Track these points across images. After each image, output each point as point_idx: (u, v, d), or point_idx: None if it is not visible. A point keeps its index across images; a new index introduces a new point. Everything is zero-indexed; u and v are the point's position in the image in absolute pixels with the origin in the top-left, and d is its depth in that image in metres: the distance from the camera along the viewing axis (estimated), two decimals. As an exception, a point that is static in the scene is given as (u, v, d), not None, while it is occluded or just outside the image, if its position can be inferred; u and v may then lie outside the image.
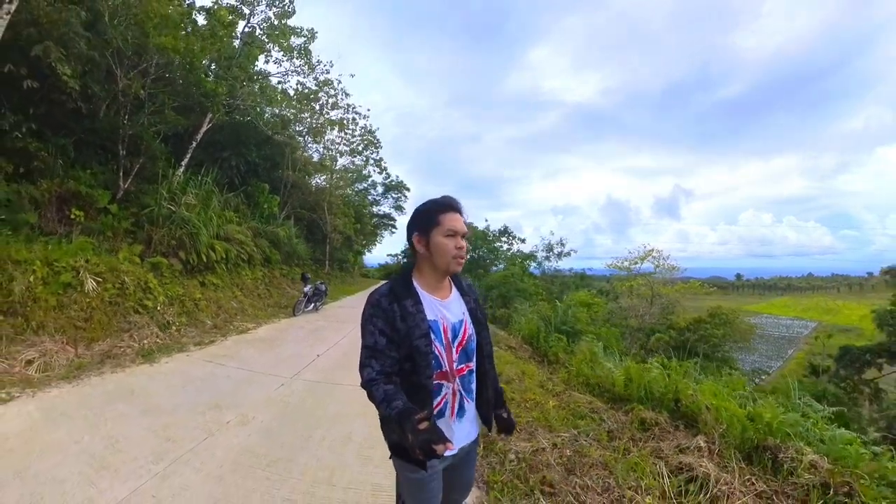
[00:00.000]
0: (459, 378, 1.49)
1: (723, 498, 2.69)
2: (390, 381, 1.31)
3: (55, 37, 6.94)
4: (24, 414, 3.63)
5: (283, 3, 12.01)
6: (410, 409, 1.15)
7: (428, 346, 1.39)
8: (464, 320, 1.53)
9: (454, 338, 1.48)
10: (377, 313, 1.39)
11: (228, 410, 4.18)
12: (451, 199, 1.51)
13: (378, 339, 1.36)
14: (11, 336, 4.64)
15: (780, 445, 3.17)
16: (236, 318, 8.27)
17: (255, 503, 2.72)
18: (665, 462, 3.11)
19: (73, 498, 2.60)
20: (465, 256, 1.46)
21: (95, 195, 7.92)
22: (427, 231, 1.45)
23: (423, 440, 1.03)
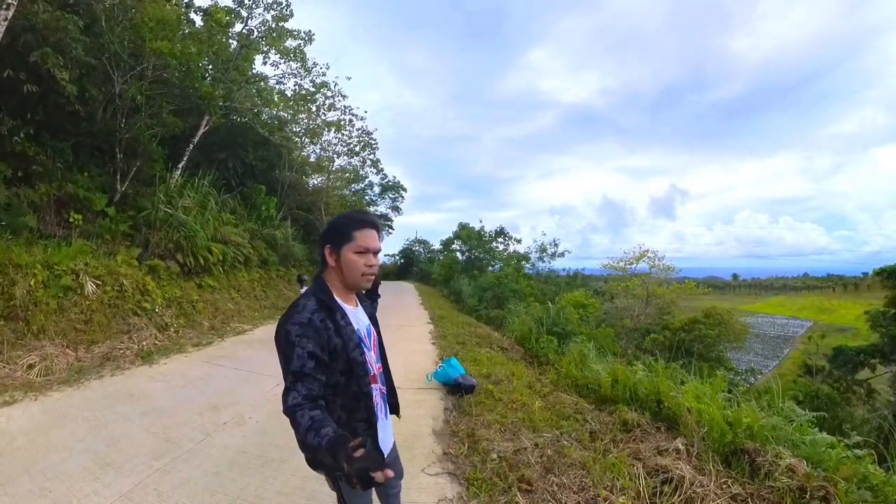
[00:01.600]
0: (380, 375, 1.59)
1: (697, 500, 2.74)
2: (316, 406, 1.22)
3: (52, 42, 7.02)
4: (28, 416, 3.78)
5: (280, 6, 12.10)
6: (342, 437, 1.08)
7: (362, 354, 1.44)
8: (370, 325, 1.61)
9: (370, 342, 1.56)
10: (308, 333, 1.31)
11: (225, 410, 4.33)
12: (368, 215, 1.54)
13: (306, 362, 1.27)
14: (12, 341, 4.76)
15: (758, 449, 3.20)
16: (233, 319, 8.41)
17: (250, 495, 2.87)
18: (643, 463, 3.16)
19: (80, 490, 2.75)
20: (374, 273, 1.48)
21: (93, 198, 8.03)
22: (339, 245, 1.44)
23: (359, 468, 0.96)
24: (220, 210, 10.82)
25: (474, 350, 7.32)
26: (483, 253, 26.64)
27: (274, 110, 15.13)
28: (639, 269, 24.42)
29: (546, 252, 23.92)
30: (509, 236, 27.51)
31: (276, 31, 12.45)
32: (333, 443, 1.06)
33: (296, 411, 1.19)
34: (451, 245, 28.74)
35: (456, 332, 8.89)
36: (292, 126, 16.39)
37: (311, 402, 1.23)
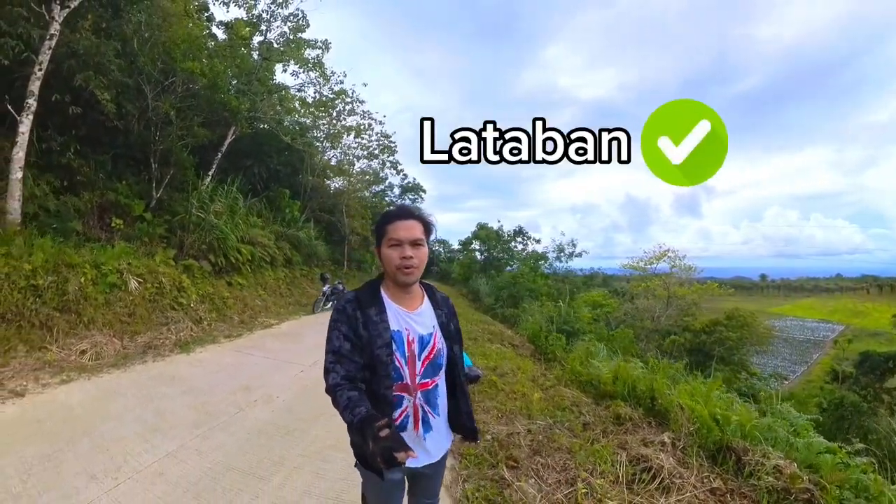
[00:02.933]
0: (422, 392, 1.46)
1: (674, 489, 2.84)
2: (355, 388, 1.28)
3: (93, 66, 7.64)
4: (84, 392, 4.27)
5: (297, 18, 12.64)
6: (372, 416, 1.12)
7: (389, 356, 1.38)
8: (433, 333, 1.49)
9: (421, 350, 1.45)
10: (341, 318, 1.39)
11: (255, 391, 4.75)
12: (402, 207, 1.49)
13: (343, 343, 1.35)
14: (67, 330, 5.32)
15: (747, 448, 3.24)
16: (261, 314, 8.93)
17: (275, 456, 3.26)
18: (627, 452, 3.29)
19: (133, 449, 3.18)
20: (412, 266, 1.41)
21: (132, 204, 8.67)
22: (378, 243, 1.46)
23: (383, 447, 0.99)
24: (248, 213, 11.46)
25: (485, 345, 7.59)
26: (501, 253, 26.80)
27: (295, 117, 15.75)
28: (659, 269, 24.03)
29: (563, 252, 23.90)
30: (528, 236, 27.60)
31: (294, 41, 12.99)
32: (364, 420, 1.12)
33: (336, 391, 1.27)
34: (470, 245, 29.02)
35: (469, 329, 9.18)
36: (314, 132, 17.00)
37: (350, 383, 1.30)
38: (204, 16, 12.70)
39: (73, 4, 6.93)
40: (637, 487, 2.91)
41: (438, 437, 1.53)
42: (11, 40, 6.19)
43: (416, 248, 1.41)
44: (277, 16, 12.67)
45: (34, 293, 5.28)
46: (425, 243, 1.45)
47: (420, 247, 1.42)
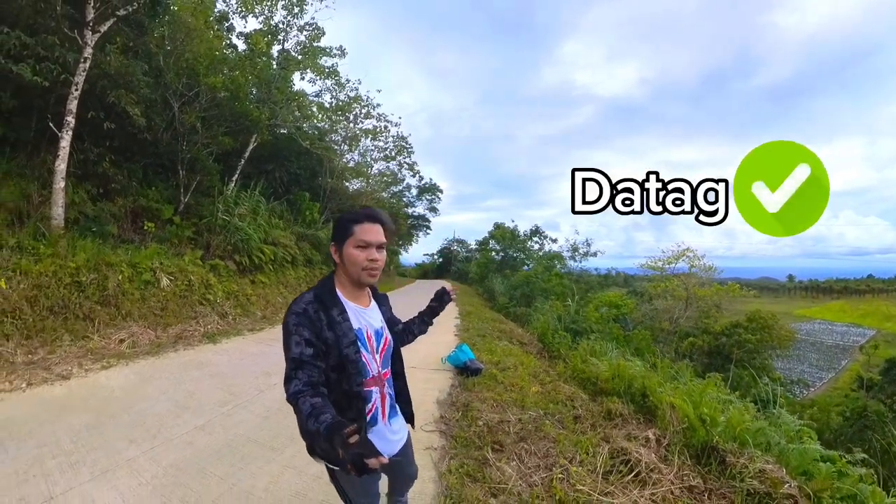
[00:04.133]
0: (386, 381, 1.56)
1: (650, 483, 2.89)
2: (317, 394, 1.24)
3: (123, 84, 8.24)
4: (122, 376, 4.75)
5: (312, 27, 13.16)
6: (339, 423, 1.08)
7: (357, 353, 1.41)
8: (383, 327, 1.58)
9: (378, 344, 1.53)
10: (303, 322, 1.35)
11: (276, 376, 5.14)
12: (370, 210, 1.51)
13: (304, 349, 1.31)
14: (107, 321, 5.87)
15: (735, 450, 3.22)
16: (282, 311, 9.38)
17: (289, 432, 3.64)
18: (609, 445, 3.37)
19: (166, 423, 3.60)
20: (377, 268, 1.44)
21: (162, 209, 9.28)
22: (341, 241, 1.44)
23: (354, 454, 0.96)
24: (270, 216, 12.02)
25: (492, 342, 7.80)
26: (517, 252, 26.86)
27: (313, 122, 16.32)
28: (678, 269, 23.54)
29: (578, 251, 23.80)
30: (544, 235, 27.59)
31: (311, 50, 13.52)
32: (330, 428, 1.07)
33: (298, 398, 1.22)
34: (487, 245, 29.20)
35: (479, 327, 9.41)
36: (331, 135, 17.55)
37: (313, 389, 1.25)
38: (224, 26, 13.32)
39: (103, 29, 7.49)
40: (613, 478, 2.99)
41: (399, 422, 1.66)
42: (50, 64, 6.77)
43: (381, 251, 1.44)
44: (294, 25, 13.25)
45: (78, 289, 5.83)
46: (386, 247, 1.49)
47: (383, 251, 1.46)
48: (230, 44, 13.35)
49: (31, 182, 7.37)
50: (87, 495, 2.60)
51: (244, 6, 12.57)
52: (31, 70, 6.45)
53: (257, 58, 12.05)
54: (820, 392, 26.52)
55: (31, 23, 6.94)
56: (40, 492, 2.60)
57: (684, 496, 2.84)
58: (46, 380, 4.36)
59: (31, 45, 6.58)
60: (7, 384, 4.16)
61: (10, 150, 7.59)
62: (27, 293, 5.40)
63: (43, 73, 6.62)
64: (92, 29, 7.27)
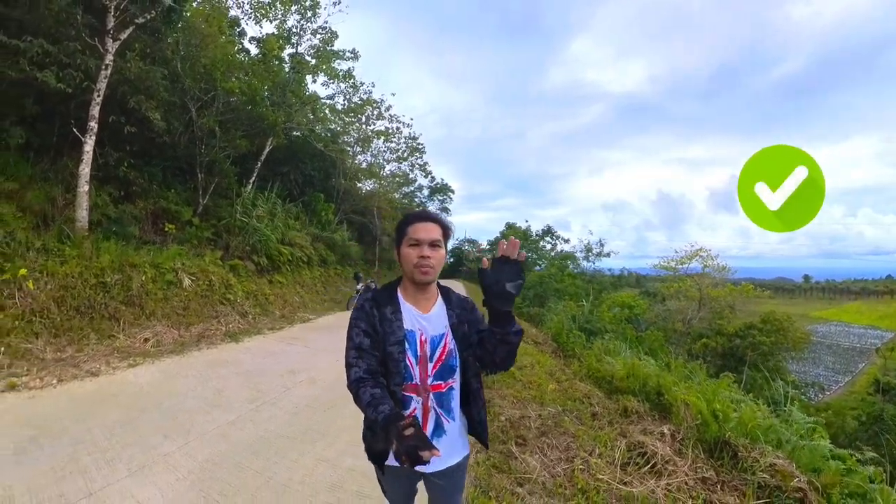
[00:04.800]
0: (436, 394, 1.44)
1: (665, 474, 3.01)
2: (377, 383, 1.29)
3: (143, 89, 8.35)
4: (150, 373, 4.78)
5: (325, 31, 13.22)
6: (396, 415, 1.12)
7: (401, 353, 1.39)
8: (445, 334, 1.47)
9: (433, 351, 1.45)
10: (361, 315, 1.43)
11: (300, 374, 5.16)
12: (423, 210, 1.54)
13: (363, 339, 1.38)
14: (131, 321, 5.92)
15: (747, 445, 3.32)
16: (299, 310, 9.46)
17: (319, 426, 3.64)
18: (626, 440, 3.49)
19: (197, 419, 3.60)
20: (430, 266, 1.42)
21: (181, 211, 9.38)
22: (398, 243, 1.47)
23: (408, 447, 0.99)
24: (286, 217, 12.10)
25: None
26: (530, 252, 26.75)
27: (327, 125, 16.40)
28: (691, 270, 23.15)
29: (591, 252, 23.62)
30: (556, 235, 27.45)
31: (324, 53, 13.58)
32: (388, 419, 1.11)
33: (359, 387, 1.27)
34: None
35: (492, 326, 9.42)
36: (344, 137, 17.63)
37: (373, 378, 1.31)
38: (235, 31, 13.45)
39: (123, 36, 7.60)
40: (630, 469, 3.10)
41: (451, 443, 1.48)
42: (73, 71, 6.88)
43: (434, 249, 1.42)
44: (307, 29, 13.32)
45: (103, 289, 5.90)
46: (443, 246, 1.47)
47: (438, 248, 1.44)
48: (243, 48, 13.48)
49: (55, 186, 7.47)
50: (125, 491, 2.60)
51: (258, 12, 12.67)
52: (54, 77, 6.56)
53: (271, 61, 12.14)
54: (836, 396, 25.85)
55: (53, 31, 7.05)
56: (79, 488, 2.60)
57: (698, 487, 2.91)
58: (76, 376, 4.40)
59: (54, 53, 6.70)
60: (38, 381, 4.20)
61: (35, 154, 7.71)
62: (54, 294, 5.47)
63: (66, 79, 6.73)
64: (112, 37, 7.37)
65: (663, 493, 2.78)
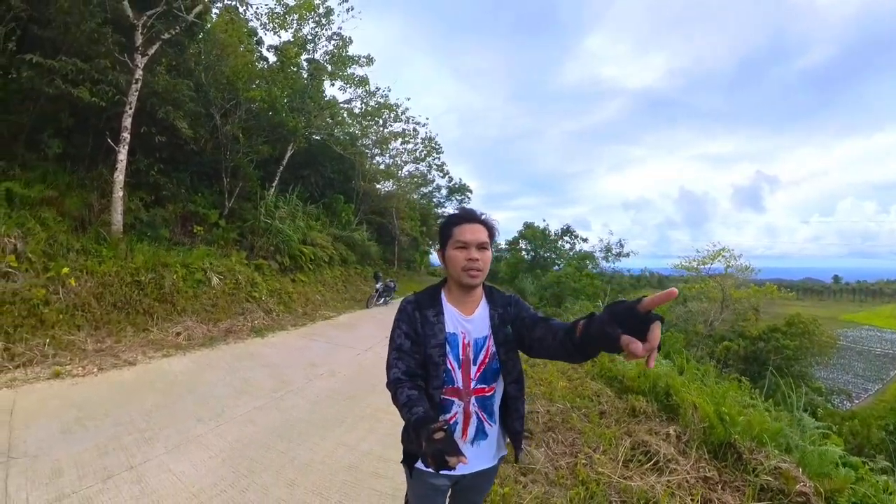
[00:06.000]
0: (478, 398, 1.42)
1: (667, 472, 3.08)
2: (415, 385, 1.30)
3: (171, 101, 8.77)
4: (182, 364, 5.08)
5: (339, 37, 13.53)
6: (428, 418, 1.12)
7: (441, 357, 1.37)
8: (488, 337, 1.44)
9: (476, 355, 1.42)
10: (403, 318, 1.43)
11: (321, 367, 5.40)
12: (466, 210, 1.48)
13: (404, 341, 1.39)
14: (164, 316, 6.29)
15: (752, 448, 3.32)
16: (321, 307, 9.74)
17: (339, 415, 3.88)
18: (631, 438, 3.55)
19: (227, 404, 3.86)
20: (479, 269, 1.38)
21: (208, 213, 9.79)
22: (443, 245, 1.44)
23: (435, 450, 0.98)
24: (308, 218, 12.47)
25: None
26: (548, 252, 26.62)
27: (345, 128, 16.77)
28: (714, 270, 22.47)
29: (611, 252, 23.35)
30: (575, 235, 27.20)
31: (339, 58, 13.89)
32: (420, 420, 1.12)
33: (397, 386, 1.29)
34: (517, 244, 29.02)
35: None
36: (362, 139, 17.97)
37: (411, 380, 1.32)
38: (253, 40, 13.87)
39: (150, 52, 8.03)
40: (633, 465, 3.18)
41: (489, 447, 1.47)
42: (105, 86, 7.31)
43: (482, 251, 1.39)
44: (322, 36, 13.65)
45: (138, 287, 6.27)
46: (490, 247, 1.44)
47: (485, 250, 1.41)
48: (261, 56, 13.91)
49: (90, 192, 7.92)
50: (163, 465, 2.84)
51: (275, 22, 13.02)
52: (88, 92, 6.96)
53: (289, 68, 12.51)
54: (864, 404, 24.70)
55: (85, 50, 7.48)
56: (121, 462, 2.85)
57: (698, 485, 2.96)
58: (115, 365, 4.73)
59: (87, 70, 7.11)
60: (80, 369, 4.53)
61: (71, 163, 8.18)
62: (94, 290, 5.84)
63: (99, 94, 7.14)
64: (141, 53, 7.80)
65: (662, 489, 2.83)
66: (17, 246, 5.80)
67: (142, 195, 9.05)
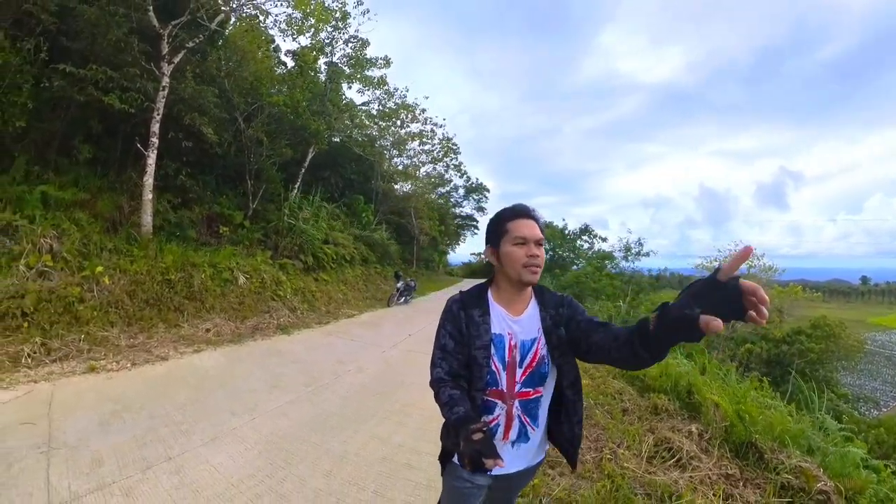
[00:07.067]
0: (522, 402, 1.37)
1: (689, 468, 3.12)
2: (457, 386, 1.29)
3: (197, 107, 8.94)
4: (213, 359, 5.14)
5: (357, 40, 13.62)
6: (469, 418, 1.11)
7: (486, 358, 1.34)
8: (537, 339, 1.38)
9: (523, 357, 1.37)
10: (448, 317, 1.40)
11: (349, 364, 5.39)
12: (523, 206, 1.43)
13: (448, 341, 1.36)
14: (194, 313, 6.41)
15: (774, 448, 3.36)
16: (343, 306, 9.80)
17: (369, 409, 3.86)
18: (654, 435, 3.59)
19: (260, 398, 3.88)
20: (539, 265, 1.34)
21: (233, 214, 9.95)
22: (497, 242, 1.39)
23: (473, 451, 0.98)
24: (329, 218, 12.59)
25: None
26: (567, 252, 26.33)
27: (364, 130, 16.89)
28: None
29: (630, 251, 22.97)
30: (594, 234, 26.84)
31: (358, 61, 13.99)
32: (460, 420, 1.12)
33: (439, 386, 1.29)
34: (537, 244, 28.81)
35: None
36: (381, 141, 18.08)
37: (454, 380, 1.31)
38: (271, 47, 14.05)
39: (176, 60, 8.21)
40: (656, 461, 3.23)
41: (528, 450, 1.43)
42: (135, 94, 7.48)
43: (540, 247, 1.36)
44: (339, 39, 13.77)
45: (168, 285, 6.39)
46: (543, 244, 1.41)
47: (541, 247, 1.37)
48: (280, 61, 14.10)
49: (120, 195, 8.10)
50: (200, 457, 2.84)
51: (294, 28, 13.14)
52: (118, 99, 7.13)
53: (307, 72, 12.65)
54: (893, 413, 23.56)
55: (112, 59, 7.67)
56: (158, 454, 2.86)
57: (721, 482, 2.99)
58: (148, 360, 4.81)
59: (116, 78, 7.28)
60: (114, 364, 4.61)
61: (101, 167, 8.39)
62: (126, 288, 5.97)
63: (128, 101, 7.31)
64: (168, 61, 7.98)
65: (685, 484, 2.88)
66: (53, 246, 5.96)
67: (169, 197, 9.24)
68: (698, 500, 2.72)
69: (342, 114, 14.20)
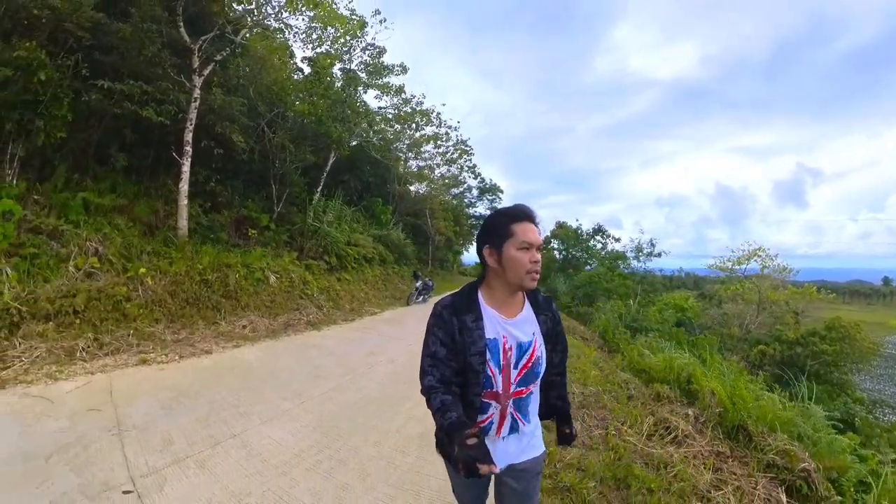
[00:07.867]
0: (514, 401, 1.40)
1: (685, 445, 3.50)
2: (449, 391, 1.28)
3: (226, 116, 9.34)
4: (253, 353, 5.47)
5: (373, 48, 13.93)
6: (462, 423, 1.12)
7: (482, 364, 1.32)
8: (534, 340, 1.40)
9: (519, 358, 1.38)
10: (439, 324, 1.37)
11: (379, 356, 5.70)
12: (526, 208, 1.40)
13: (439, 348, 1.34)
14: (230, 311, 6.80)
15: (763, 431, 3.71)
16: (365, 304, 10.15)
17: (400, 394, 4.17)
18: (654, 417, 4.00)
19: (306, 386, 4.21)
20: (539, 271, 1.34)
21: (259, 217, 10.35)
22: (500, 243, 1.34)
23: (466, 456, 1.00)
24: (351, 220, 13.00)
25: None
26: (580, 252, 26.37)
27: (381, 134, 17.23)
28: (750, 270, 21.74)
29: (642, 252, 22.90)
30: (607, 234, 26.80)
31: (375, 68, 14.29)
32: (453, 425, 1.12)
33: (431, 393, 1.28)
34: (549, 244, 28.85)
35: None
36: (396, 143, 18.41)
37: (445, 387, 1.29)
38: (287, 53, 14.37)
39: (205, 73, 8.62)
40: (655, 438, 3.62)
41: (523, 441, 1.46)
42: (169, 106, 7.88)
43: (539, 252, 1.36)
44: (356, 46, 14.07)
45: (205, 285, 6.77)
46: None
47: (540, 251, 1.37)
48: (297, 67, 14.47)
49: (156, 200, 8.51)
50: (262, 434, 3.14)
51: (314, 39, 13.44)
52: (154, 112, 7.52)
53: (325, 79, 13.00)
54: None
55: (145, 72, 8.08)
56: (223, 432, 3.16)
57: (711, 457, 3.37)
58: (193, 354, 5.16)
59: (151, 92, 7.68)
60: (163, 357, 4.95)
61: (135, 174, 8.81)
62: (168, 288, 6.34)
63: (164, 114, 7.70)
64: (198, 74, 8.38)
65: (679, 458, 3.27)
66: (98, 249, 6.35)
67: (200, 202, 9.65)
68: (689, 469, 3.08)
69: (360, 119, 14.53)
